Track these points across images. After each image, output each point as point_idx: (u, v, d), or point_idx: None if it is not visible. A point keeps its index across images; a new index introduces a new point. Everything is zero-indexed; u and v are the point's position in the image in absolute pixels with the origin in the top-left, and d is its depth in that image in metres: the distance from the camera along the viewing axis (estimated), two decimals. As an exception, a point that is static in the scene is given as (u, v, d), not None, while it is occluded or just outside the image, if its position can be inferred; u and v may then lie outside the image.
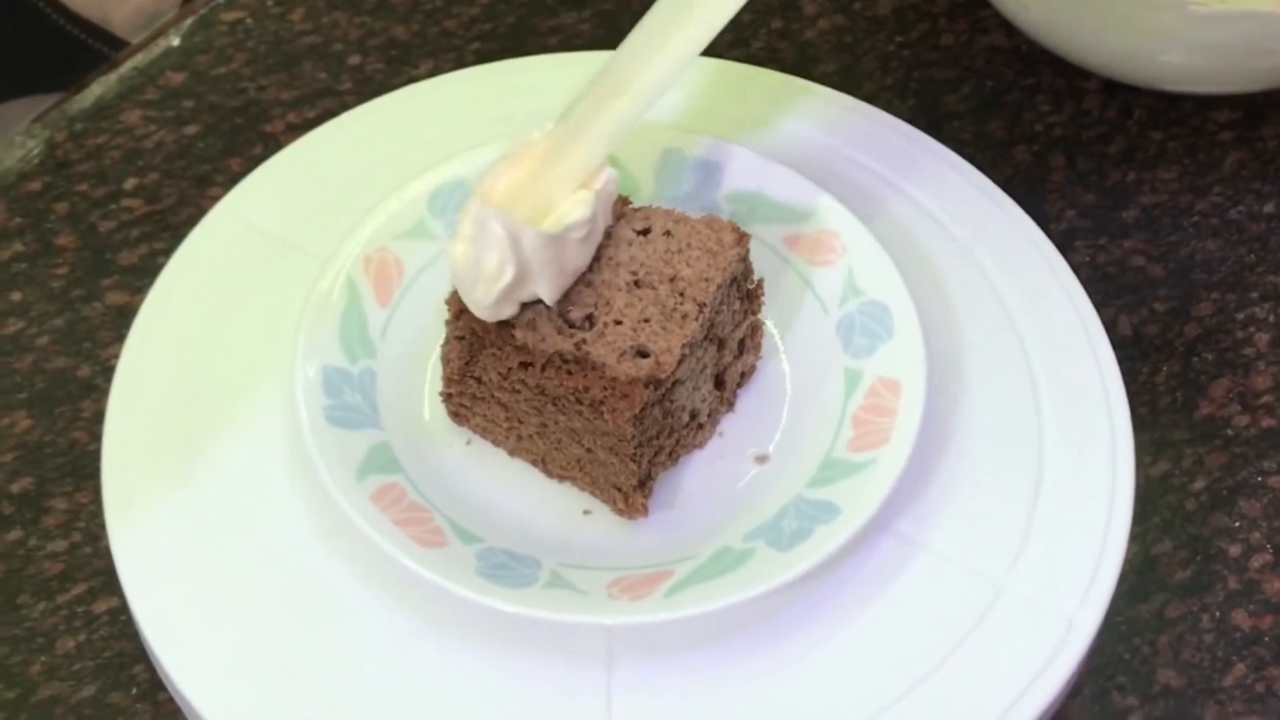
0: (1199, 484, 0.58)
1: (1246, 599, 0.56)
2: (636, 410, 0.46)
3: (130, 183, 0.64)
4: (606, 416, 0.47)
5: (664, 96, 0.50)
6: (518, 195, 0.48)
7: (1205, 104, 0.68)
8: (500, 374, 0.49)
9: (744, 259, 0.50)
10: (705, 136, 0.56)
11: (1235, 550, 0.57)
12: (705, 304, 0.49)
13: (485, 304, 0.48)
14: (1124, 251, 0.64)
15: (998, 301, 0.55)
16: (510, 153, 0.50)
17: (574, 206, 0.48)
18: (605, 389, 0.47)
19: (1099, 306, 0.55)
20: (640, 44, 0.50)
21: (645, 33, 0.50)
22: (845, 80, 0.68)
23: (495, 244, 0.47)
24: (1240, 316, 0.62)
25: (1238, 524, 0.57)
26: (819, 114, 0.59)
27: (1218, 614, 0.55)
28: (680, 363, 0.48)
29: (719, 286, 0.49)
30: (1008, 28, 0.69)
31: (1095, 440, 0.52)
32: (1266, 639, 0.55)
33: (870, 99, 0.60)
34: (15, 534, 0.56)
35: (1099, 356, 0.54)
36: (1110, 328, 0.55)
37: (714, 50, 0.67)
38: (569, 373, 0.47)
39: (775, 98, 0.59)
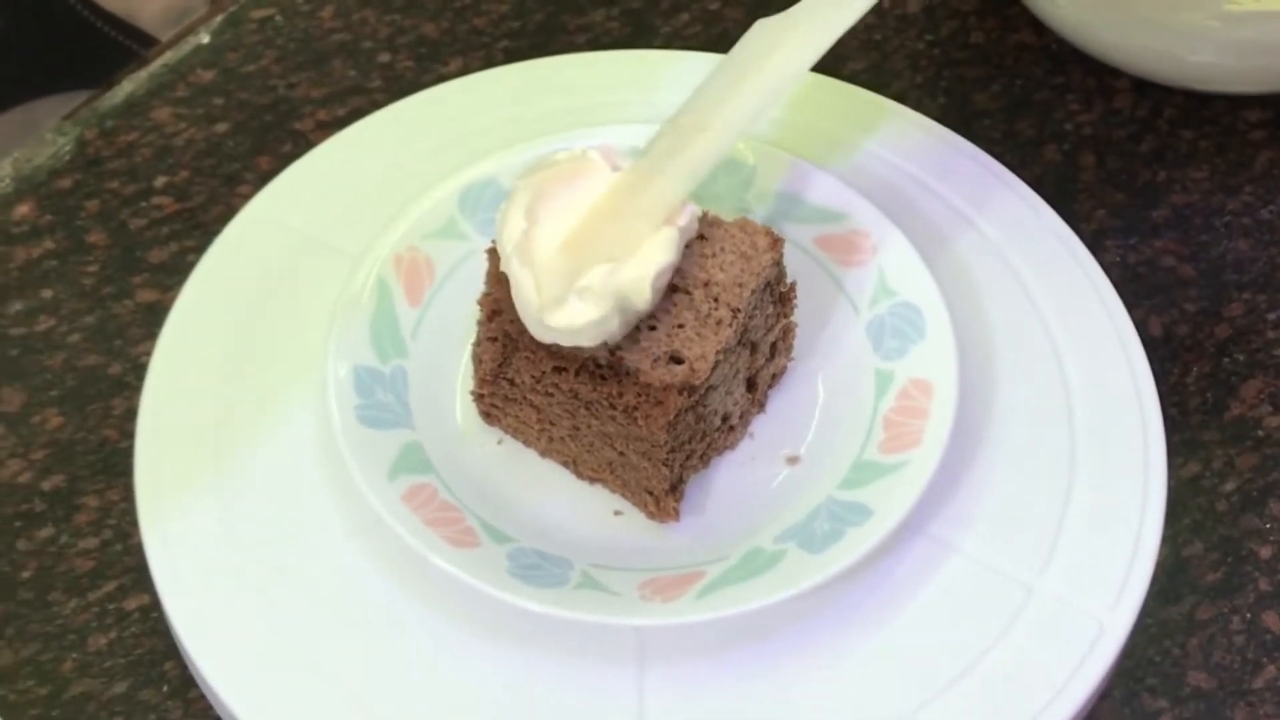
0: (1230, 485, 0.58)
1: (1277, 601, 0.55)
2: (670, 417, 0.46)
3: (160, 180, 0.64)
4: (640, 422, 0.47)
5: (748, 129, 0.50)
6: (597, 231, 0.48)
7: (1236, 103, 0.68)
8: (534, 377, 0.49)
9: (778, 263, 0.50)
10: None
11: (1266, 552, 0.56)
12: (739, 310, 0.48)
13: (557, 339, 0.48)
14: (1155, 251, 0.64)
15: (1029, 302, 0.55)
16: (553, 163, 0.50)
17: (659, 249, 0.48)
18: (639, 395, 0.47)
19: (1129, 307, 0.55)
20: (722, 82, 0.50)
21: (727, 71, 0.50)
22: (874, 78, 0.68)
23: (599, 303, 0.47)
24: (1271, 317, 0.62)
25: (1268, 525, 0.57)
26: (849, 113, 0.59)
27: (1248, 616, 0.55)
28: (714, 369, 0.48)
29: (753, 292, 0.49)
30: (1037, 26, 0.69)
31: (1127, 441, 0.51)
32: (1298, 642, 0.55)
33: (899, 97, 0.60)
34: (47, 531, 0.56)
35: (1130, 357, 0.53)
36: (1141, 328, 0.55)
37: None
38: (603, 378, 0.47)
39: (805, 97, 0.59)
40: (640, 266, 0.47)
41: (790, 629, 0.48)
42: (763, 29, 0.51)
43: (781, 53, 0.50)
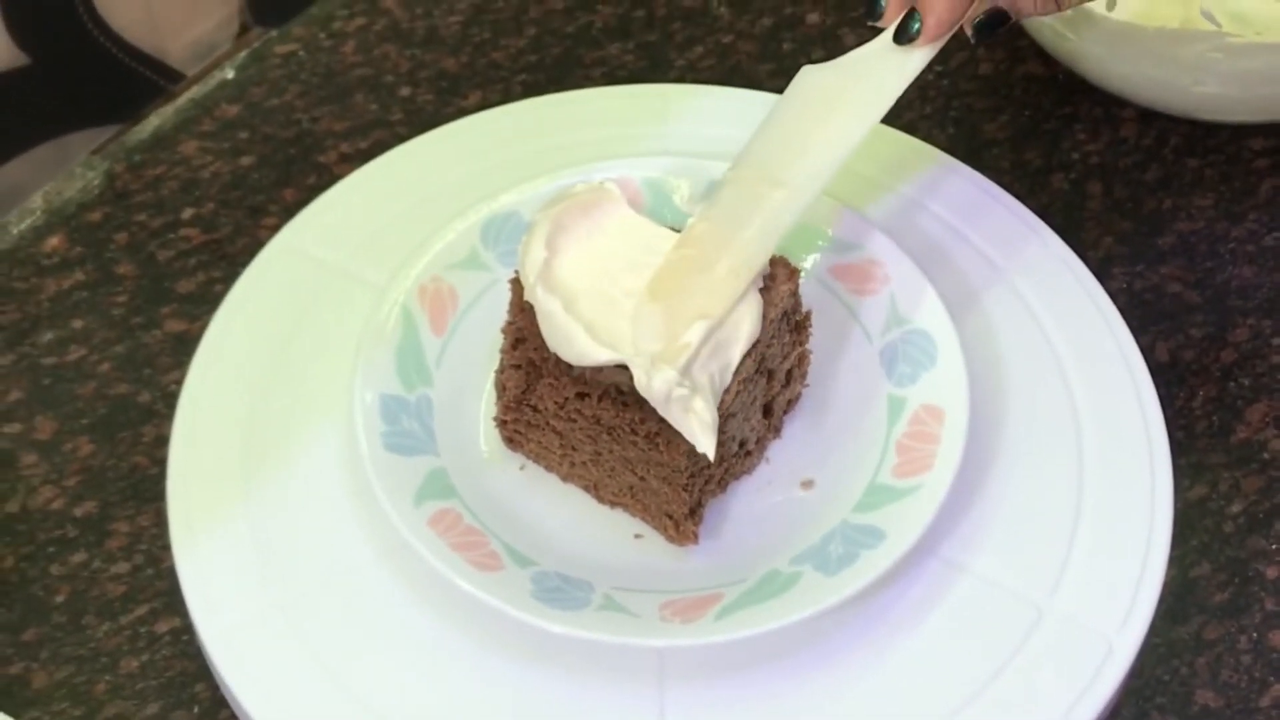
0: (1236, 507, 0.59)
1: (1284, 621, 0.56)
2: (691, 444, 0.48)
3: (188, 212, 0.66)
4: (661, 448, 0.48)
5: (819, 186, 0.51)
6: (686, 282, 0.49)
7: (1240, 132, 0.69)
8: (557, 403, 0.50)
9: (794, 294, 0.51)
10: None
11: (1273, 572, 0.57)
12: (758, 340, 0.50)
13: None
14: (1161, 278, 0.65)
15: (1037, 328, 0.56)
16: (572, 195, 0.51)
17: (747, 319, 0.49)
18: (661, 422, 0.48)
19: (1136, 333, 0.56)
20: (786, 133, 0.51)
21: (787, 121, 0.51)
22: (885, 110, 0.69)
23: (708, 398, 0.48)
24: (1276, 342, 0.63)
25: (1275, 546, 0.58)
26: (861, 145, 0.60)
27: (1255, 635, 0.56)
28: (733, 397, 0.49)
29: (771, 322, 0.50)
30: (1045, 57, 0.70)
31: (1134, 465, 0.52)
32: (1304, 660, 0.55)
33: (909, 128, 0.61)
34: (80, 556, 0.57)
35: (1137, 382, 0.54)
36: (1147, 353, 0.56)
37: (755, 81, 0.69)
38: (625, 405, 0.49)
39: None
40: (733, 346, 0.49)
41: (806, 649, 0.49)
42: (812, 76, 0.52)
43: (848, 111, 0.51)
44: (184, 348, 0.60)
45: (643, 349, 0.48)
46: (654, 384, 0.47)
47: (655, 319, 0.48)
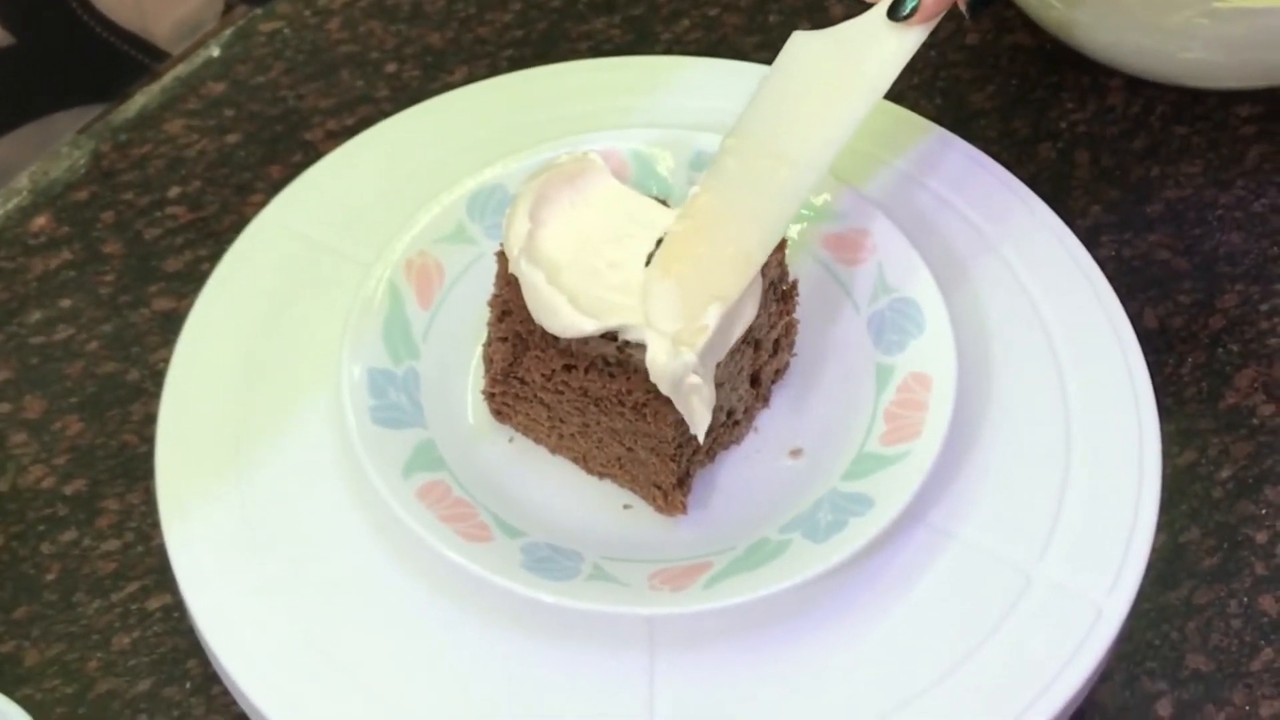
0: (1225, 472, 0.59)
1: (1273, 584, 0.56)
2: (678, 413, 0.48)
3: (174, 191, 0.66)
4: (649, 419, 0.48)
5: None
6: (703, 263, 0.49)
7: (1227, 99, 0.69)
8: (544, 375, 0.50)
9: (781, 263, 0.51)
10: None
11: (1262, 537, 0.58)
12: None
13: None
14: (1149, 245, 0.65)
15: (1025, 296, 0.56)
16: (555, 166, 0.51)
17: (750, 301, 0.49)
18: (648, 392, 0.48)
19: (1124, 300, 0.56)
20: (784, 103, 0.50)
21: (782, 89, 0.51)
22: (872, 80, 0.69)
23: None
24: (1264, 308, 0.63)
25: (1264, 511, 0.58)
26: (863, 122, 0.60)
27: (1245, 600, 0.56)
28: (721, 368, 0.49)
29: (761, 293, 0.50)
30: (1032, 27, 0.70)
31: (1122, 431, 0.52)
32: (1293, 624, 0.56)
33: (896, 98, 0.61)
34: (70, 534, 0.57)
35: (1125, 349, 0.54)
36: (1136, 320, 0.56)
37: (742, 54, 0.69)
38: (611, 375, 0.49)
39: (804, 99, 0.60)
40: (735, 327, 0.49)
41: (795, 617, 0.49)
42: (807, 44, 0.51)
43: (850, 86, 0.51)
44: (172, 326, 0.60)
45: (658, 324, 0.47)
46: (672, 365, 0.47)
47: (671, 296, 0.48)
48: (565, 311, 0.48)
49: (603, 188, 0.51)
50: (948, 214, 0.58)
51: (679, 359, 0.47)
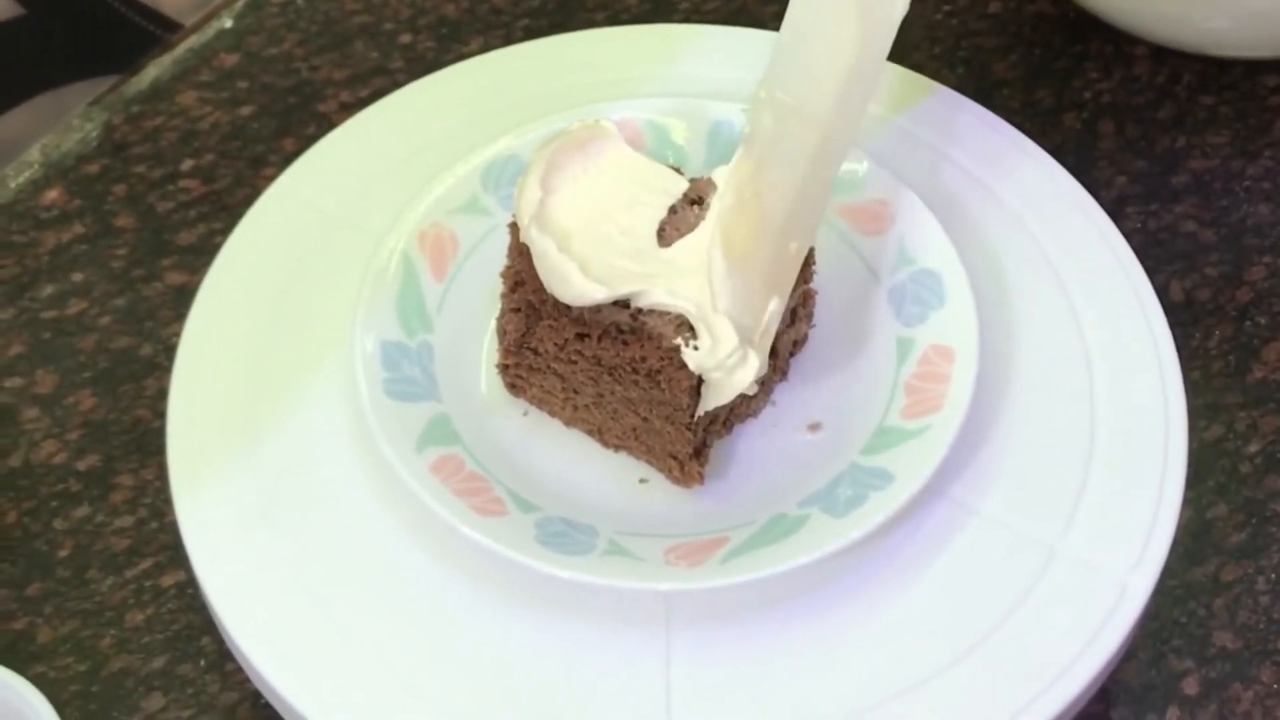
0: (1253, 447, 0.58)
1: (1302, 561, 0.56)
2: (694, 380, 0.47)
3: (187, 164, 0.65)
4: (664, 386, 0.47)
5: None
6: (766, 252, 0.48)
7: (1254, 68, 0.68)
8: (557, 345, 0.49)
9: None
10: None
11: (1290, 513, 0.57)
12: None
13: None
14: (1175, 217, 0.64)
15: (1049, 269, 0.55)
16: (567, 132, 0.50)
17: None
18: (662, 359, 0.47)
19: (1150, 272, 0.55)
20: (811, 50, 0.50)
21: (810, 32, 0.50)
22: (894, 50, 0.68)
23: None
24: (1293, 280, 0.62)
25: (1292, 487, 0.57)
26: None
27: (1273, 576, 0.55)
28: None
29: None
30: (1055, -6, 0.69)
31: (1148, 405, 0.52)
32: (1322, 601, 0.55)
33: (918, 68, 0.60)
34: (83, 510, 0.57)
35: (1151, 322, 0.54)
36: (1162, 293, 0.55)
37: (761, 22, 0.68)
38: (625, 343, 0.48)
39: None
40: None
41: (814, 593, 0.48)
42: None
43: (867, 41, 0.50)
44: (185, 300, 0.59)
45: (726, 311, 0.47)
46: (740, 373, 0.47)
47: (740, 287, 0.48)
48: (576, 279, 0.47)
49: (615, 154, 0.50)
50: (970, 185, 0.57)
51: (747, 366, 0.47)
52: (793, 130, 0.49)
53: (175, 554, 0.55)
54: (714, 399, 0.48)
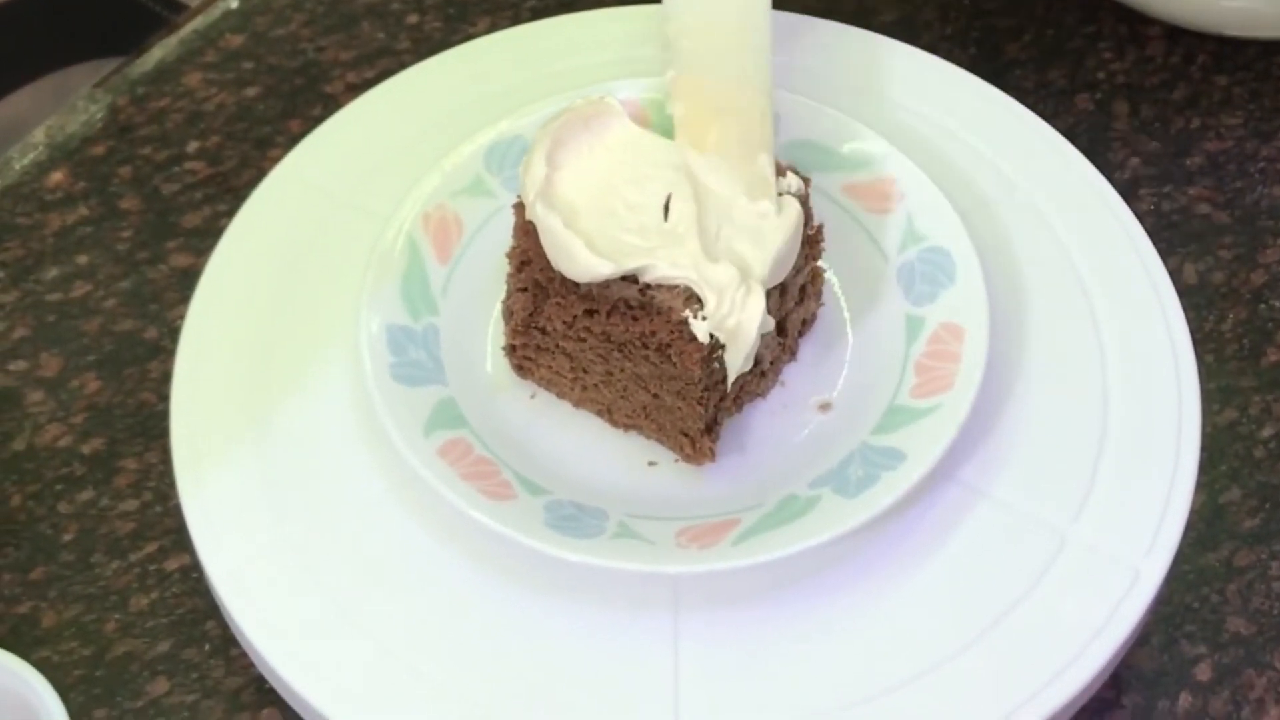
0: (1267, 431, 0.58)
1: (1317, 546, 0.55)
2: (705, 352, 0.46)
3: (192, 145, 0.65)
4: (674, 360, 0.47)
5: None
6: (721, 129, 0.49)
7: (1269, 49, 0.67)
8: (565, 323, 0.49)
9: (805, 203, 0.50)
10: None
11: (1305, 497, 0.56)
12: None
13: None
14: (1189, 199, 0.63)
15: (1061, 250, 0.54)
16: (571, 109, 0.50)
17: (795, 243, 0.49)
18: (672, 333, 0.47)
19: (1164, 254, 0.54)
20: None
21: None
22: (905, 29, 0.68)
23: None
24: (1308, 262, 0.62)
25: (1307, 471, 0.57)
26: (878, 64, 0.59)
27: (1287, 561, 0.55)
28: None
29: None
30: (1068, -26, 0.69)
31: (1161, 388, 0.51)
32: (1337, 585, 0.54)
33: (930, 48, 0.60)
34: (87, 494, 0.56)
35: (1164, 304, 0.53)
36: (1175, 276, 0.55)
37: (775, 2, 0.67)
38: (634, 318, 0.47)
39: (834, 48, 0.59)
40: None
41: (823, 576, 0.48)
42: None
43: None
44: (190, 282, 0.58)
45: (719, 186, 0.48)
46: (750, 308, 0.47)
47: (725, 165, 0.48)
48: (582, 255, 0.47)
49: (620, 130, 0.50)
50: (981, 166, 0.56)
51: (753, 295, 0.47)
52: (710, 31, 0.50)
53: (180, 537, 0.55)
54: (736, 354, 0.47)
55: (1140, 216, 0.56)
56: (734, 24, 0.51)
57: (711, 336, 0.47)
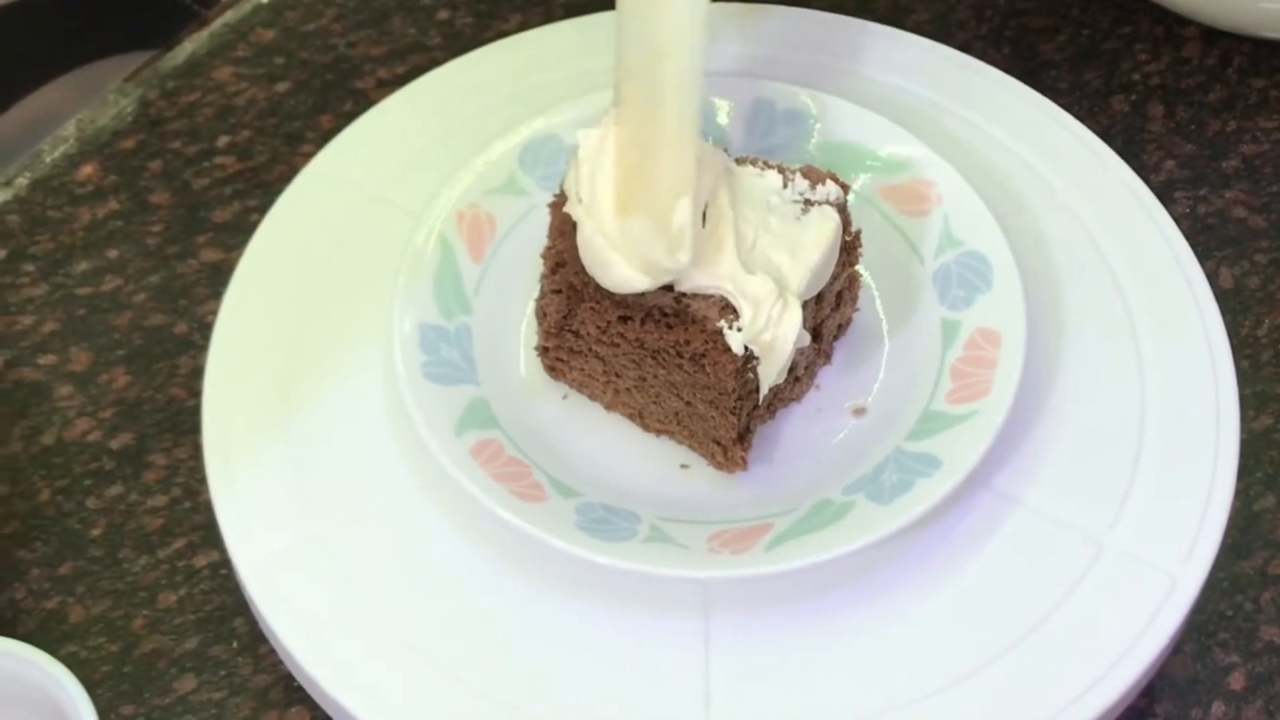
0: (1303, 438, 0.57)
1: (1353, 555, 0.55)
2: (739, 363, 0.46)
3: (223, 140, 0.65)
4: (708, 369, 0.47)
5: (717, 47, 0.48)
6: (632, 201, 0.47)
7: (1308, 50, 0.66)
8: (599, 327, 0.48)
9: (843, 210, 0.50)
10: (797, 87, 0.55)
11: (1341, 505, 0.56)
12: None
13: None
14: (1225, 202, 0.63)
15: (1097, 253, 0.54)
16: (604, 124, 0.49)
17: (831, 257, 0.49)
18: (707, 342, 0.46)
19: (1199, 259, 0.54)
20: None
21: None
22: (939, 29, 0.67)
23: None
24: (1345, 267, 0.61)
25: (1343, 479, 0.56)
26: (913, 63, 0.58)
27: (1323, 570, 0.54)
28: None
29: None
30: (1104, -26, 0.68)
31: (1198, 394, 0.51)
32: (1374, 595, 0.54)
33: (964, 48, 0.59)
34: (116, 489, 0.56)
35: (1201, 309, 0.53)
36: (1211, 280, 0.54)
37: (805, 1, 0.67)
38: (669, 326, 0.47)
39: (868, 47, 0.59)
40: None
41: (856, 582, 0.47)
42: None
43: None
44: (220, 277, 0.59)
45: (640, 258, 0.46)
46: (786, 322, 0.46)
47: (643, 230, 0.46)
48: (619, 268, 0.47)
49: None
50: (1017, 167, 0.56)
51: (789, 310, 0.46)
52: (653, 70, 0.47)
53: (209, 534, 0.55)
54: (771, 366, 0.47)
55: (1175, 220, 0.55)
56: (654, 46, 0.47)
57: (746, 348, 0.46)
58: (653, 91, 0.47)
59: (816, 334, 0.51)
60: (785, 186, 0.49)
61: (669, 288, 0.47)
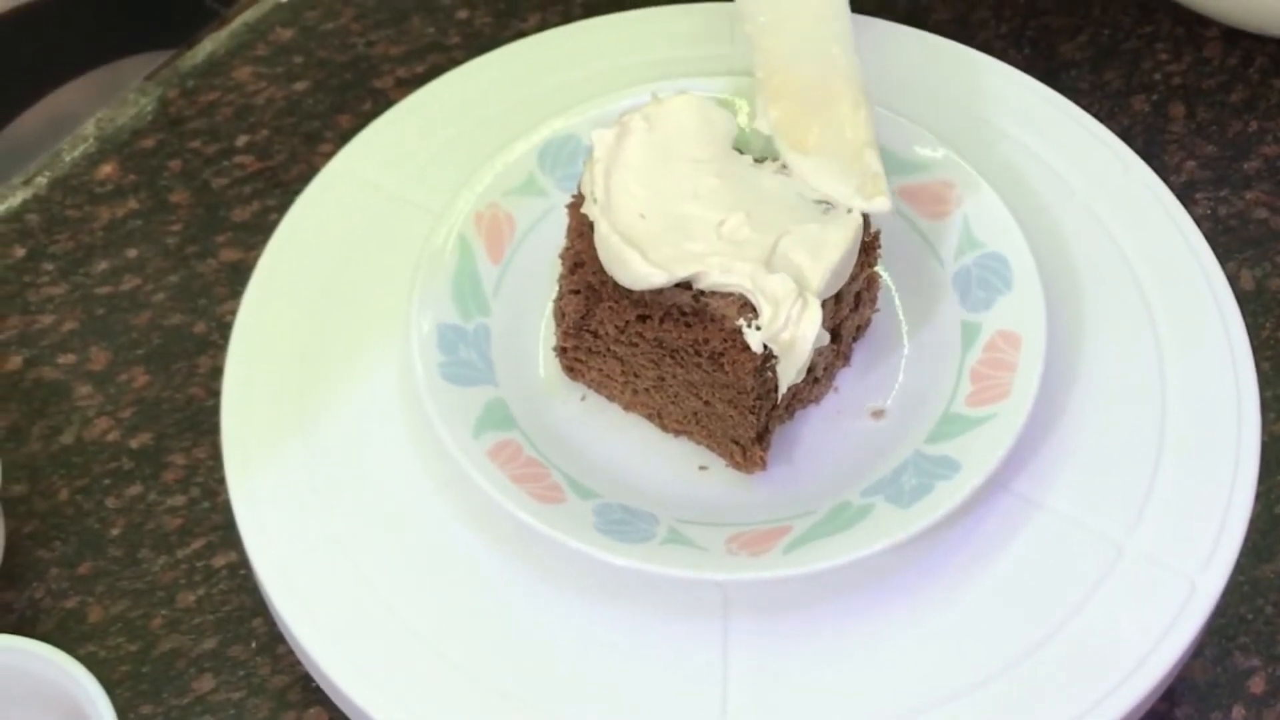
0: (1325, 441, 0.57)
1: (1375, 558, 0.54)
2: (758, 362, 0.46)
3: (242, 140, 0.65)
4: (727, 368, 0.47)
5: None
6: (808, 140, 0.49)
7: (1331, 51, 0.66)
8: (618, 327, 0.48)
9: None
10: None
11: (1363, 509, 0.55)
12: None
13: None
14: (1246, 204, 0.63)
15: (1118, 254, 0.54)
16: (628, 121, 0.49)
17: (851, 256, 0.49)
18: (725, 341, 0.46)
19: (1221, 260, 0.54)
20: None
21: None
22: (959, 29, 0.67)
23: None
24: (1367, 269, 0.61)
25: (1365, 482, 0.56)
26: (933, 64, 0.58)
27: (1344, 574, 0.54)
28: None
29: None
30: (1125, -26, 0.68)
31: (1219, 397, 0.50)
32: (1396, 599, 0.53)
33: (984, 48, 0.59)
34: (135, 489, 0.56)
35: (1223, 311, 0.52)
36: (1232, 281, 0.54)
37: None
38: (688, 325, 0.47)
39: (888, 47, 0.58)
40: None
41: (874, 584, 0.47)
42: None
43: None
44: (239, 277, 0.59)
45: (830, 187, 0.48)
46: (806, 321, 0.46)
47: (831, 162, 0.48)
48: (636, 264, 0.46)
49: (681, 132, 0.49)
50: (1037, 167, 0.56)
51: (809, 309, 0.46)
52: (791, 25, 0.49)
53: (227, 534, 0.55)
54: (790, 365, 0.47)
55: (1196, 221, 0.55)
56: (814, 15, 0.50)
57: (765, 347, 0.46)
58: (811, 44, 0.50)
59: (835, 335, 0.51)
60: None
61: (687, 286, 0.47)
